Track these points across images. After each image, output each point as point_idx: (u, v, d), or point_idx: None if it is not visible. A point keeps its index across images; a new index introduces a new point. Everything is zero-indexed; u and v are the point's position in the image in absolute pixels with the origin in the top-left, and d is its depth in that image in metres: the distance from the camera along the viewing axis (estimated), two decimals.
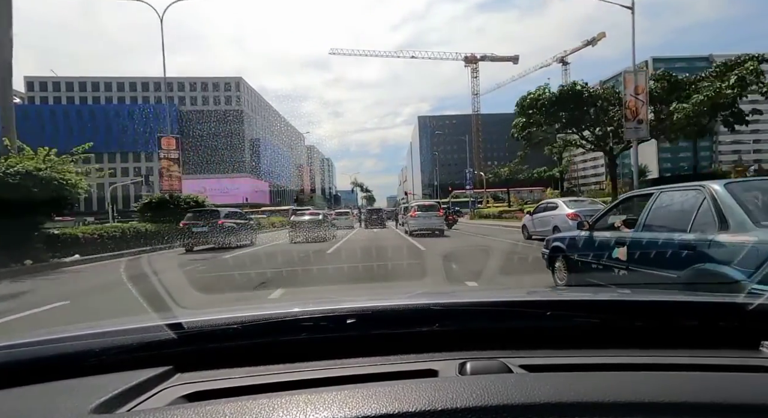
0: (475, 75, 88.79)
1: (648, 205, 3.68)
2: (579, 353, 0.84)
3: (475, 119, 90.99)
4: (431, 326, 0.92)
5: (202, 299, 4.95)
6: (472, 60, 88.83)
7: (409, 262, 8.84)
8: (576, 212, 10.83)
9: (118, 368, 0.79)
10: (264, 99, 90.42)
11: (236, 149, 75.43)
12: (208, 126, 74.38)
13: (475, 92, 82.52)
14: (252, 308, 1.07)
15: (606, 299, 1.15)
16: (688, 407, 0.56)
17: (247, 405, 0.57)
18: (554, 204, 12.87)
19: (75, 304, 5.60)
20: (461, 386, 0.59)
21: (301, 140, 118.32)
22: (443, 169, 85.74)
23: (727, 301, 1.06)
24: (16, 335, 0.92)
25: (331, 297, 1.50)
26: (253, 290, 5.89)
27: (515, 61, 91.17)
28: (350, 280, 6.74)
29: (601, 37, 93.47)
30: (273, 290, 5.56)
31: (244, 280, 7.01)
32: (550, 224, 11.84)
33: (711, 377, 0.69)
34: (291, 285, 6.18)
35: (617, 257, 3.78)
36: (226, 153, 74.08)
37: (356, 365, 0.81)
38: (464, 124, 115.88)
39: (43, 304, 5.49)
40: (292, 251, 12.22)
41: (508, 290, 1.93)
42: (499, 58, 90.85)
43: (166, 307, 1.95)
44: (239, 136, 76.20)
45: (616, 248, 3.82)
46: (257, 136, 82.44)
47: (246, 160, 76.88)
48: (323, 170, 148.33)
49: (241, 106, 77.79)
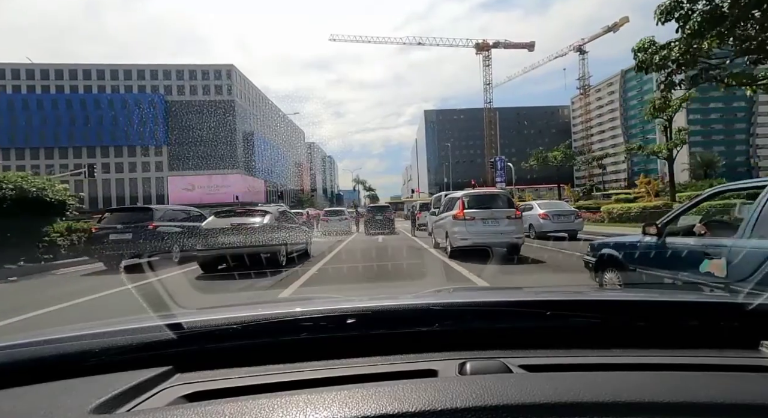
0: (488, 63, 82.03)
1: (759, 203, 2.82)
2: (579, 353, 0.83)
3: (488, 112, 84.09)
4: (431, 326, 0.92)
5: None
6: (483, 47, 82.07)
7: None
8: (546, 212, 13.71)
9: (118, 368, 0.79)
10: (258, 89, 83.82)
11: (228, 143, 68.92)
12: (197, 118, 67.93)
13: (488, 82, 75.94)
14: (252, 308, 1.08)
15: (606, 299, 1.14)
16: (688, 407, 0.56)
17: (247, 405, 0.57)
18: (530, 206, 14.76)
19: None
20: (461, 386, 0.59)
21: (300, 137, 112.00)
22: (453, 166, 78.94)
23: (727, 301, 1.06)
24: (16, 335, 0.91)
25: (331, 296, 1.43)
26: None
27: (531, 48, 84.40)
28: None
29: (624, 22, 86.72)
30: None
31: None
32: (526, 222, 13.07)
33: (711, 377, 0.69)
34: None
35: (709, 272, 2.99)
36: (216, 147, 67.59)
37: (356, 365, 0.81)
38: (473, 119, 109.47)
39: None
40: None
41: (508, 290, 1.89)
42: (513, 45, 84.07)
43: (166, 307, 1.74)
44: (231, 129, 69.71)
45: (707, 260, 3.03)
46: (251, 130, 75.91)
47: (239, 156, 70.39)
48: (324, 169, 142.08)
49: (232, 97, 71.26)
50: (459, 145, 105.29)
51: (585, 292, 1.45)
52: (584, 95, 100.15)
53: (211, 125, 68.14)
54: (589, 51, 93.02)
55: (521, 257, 8.71)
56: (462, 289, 2.45)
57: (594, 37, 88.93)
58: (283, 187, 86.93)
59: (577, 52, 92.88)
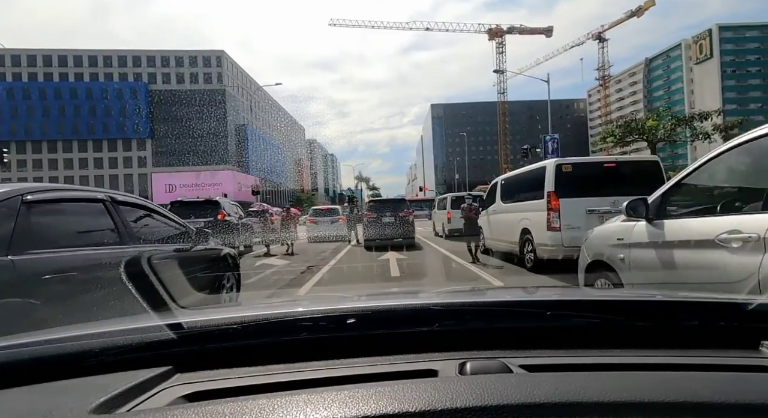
0: (501, 50, 75.25)
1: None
2: (579, 353, 0.84)
3: (501, 105, 77.37)
4: (431, 326, 0.92)
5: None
6: (497, 33, 75.35)
7: None
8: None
9: (118, 368, 0.79)
10: (252, 78, 77.58)
11: (218, 137, 62.64)
12: (184, 108, 61.72)
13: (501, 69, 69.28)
14: (252, 308, 1.07)
15: (606, 299, 1.15)
16: (688, 407, 0.56)
17: (247, 405, 0.57)
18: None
19: None
20: (461, 386, 0.59)
21: (300, 133, 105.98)
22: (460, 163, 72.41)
23: (727, 301, 1.06)
24: (16, 335, 0.91)
25: (332, 296, 1.45)
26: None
27: (549, 34, 77.62)
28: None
29: (649, 5, 79.87)
30: None
31: None
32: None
33: (711, 377, 0.69)
34: None
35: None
36: (205, 141, 61.28)
37: (356, 365, 0.81)
38: (482, 113, 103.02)
39: None
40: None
41: (508, 290, 1.82)
42: (529, 31, 77.34)
43: (166, 307, 1.65)
44: (221, 121, 63.52)
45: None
46: (243, 123, 69.69)
47: (230, 151, 64.20)
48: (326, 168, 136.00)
49: (223, 86, 65.07)
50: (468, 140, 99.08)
51: (585, 292, 1.44)
52: (604, 86, 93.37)
53: (199, 117, 61.85)
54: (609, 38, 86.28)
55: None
56: (462, 289, 2.45)
57: (616, 23, 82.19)
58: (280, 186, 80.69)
59: (597, 41, 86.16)
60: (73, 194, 2.97)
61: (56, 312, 2.32)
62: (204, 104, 62.48)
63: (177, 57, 65.30)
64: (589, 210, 5.80)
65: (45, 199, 2.61)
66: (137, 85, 62.79)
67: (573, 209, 5.83)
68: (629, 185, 5.39)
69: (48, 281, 2.34)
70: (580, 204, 5.87)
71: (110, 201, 3.10)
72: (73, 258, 2.58)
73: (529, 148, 27.16)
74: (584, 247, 3.32)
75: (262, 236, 11.84)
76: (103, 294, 2.54)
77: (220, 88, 64.73)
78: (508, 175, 8.78)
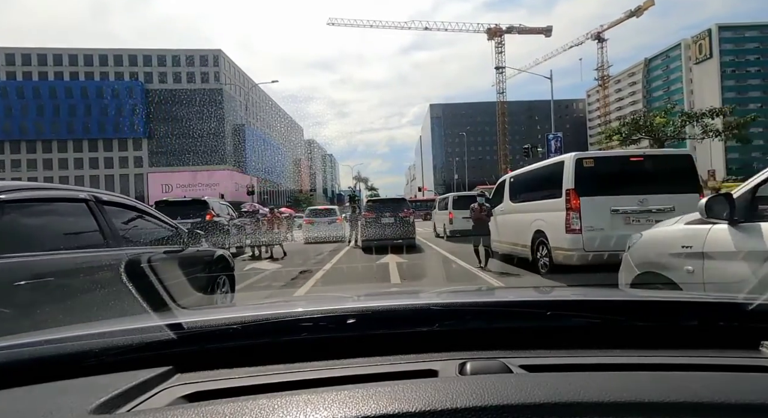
0: (500, 50, 74.80)
1: None
2: (579, 353, 0.83)
3: (501, 105, 76.88)
4: (431, 326, 0.92)
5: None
6: (496, 32, 74.91)
7: None
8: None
9: (118, 368, 0.79)
10: (250, 78, 76.89)
11: (215, 137, 61.97)
12: (181, 108, 61.02)
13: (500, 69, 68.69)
14: (252, 308, 1.07)
15: (606, 299, 1.14)
16: (688, 407, 0.56)
17: (247, 405, 0.57)
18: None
19: None
20: (461, 386, 0.59)
21: (299, 133, 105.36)
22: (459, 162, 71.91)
23: (727, 301, 1.06)
24: (17, 335, 0.91)
25: (331, 296, 1.44)
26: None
27: (548, 34, 77.23)
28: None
29: (649, 5, 79.50)
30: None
31: None
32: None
33: (711, 377, 0.68)
34: None
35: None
36: (202, 141, 60.59)
37: (356, 365, 0.81)
38: (481, 113, 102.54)
39: None
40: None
41: (508, 290, 1.79)
42: (529, 31, 76.91)
43: (166, 307, 1.73)
44: (219, 120, 62.83)
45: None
46: (241, 123, 69.02)
47: (227, 151, 63.53)
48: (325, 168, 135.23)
49: (221, 84, 64.39)
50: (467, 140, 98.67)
51: (585, 292, 1.45)
52: (603, 86, 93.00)
53: (196, 116, 61.17)
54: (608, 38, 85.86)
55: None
56: (462, 289, 2.43)
57: (615, 23, 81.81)
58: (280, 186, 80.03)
59: (596, 40, 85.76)
60: (52, 194, 2.75)
61: (30, 321, 2.13)
62: (201, 104, 61.82)
63: (174, 56, 64.61)
64: (613, 210, 5.25)
65: (20, 199, 2.41)
66: (133, 85, 62.08)
67: (595, 208, 5.28)
68: (658, 182, 4.91)
69: (21, 288, 2.15)
70: (604, 203, 5.30)
71: (94, 201, 2.87)
72: (51, 262, 2.39)
73: (530, 148, 26.72)
74: (629, 255, 2.79)
75: (252, 238, 11.31)
76: (85, 300, 2.44)
77: (218, 88, 64.10)
78: (518, 172, 8.13)
